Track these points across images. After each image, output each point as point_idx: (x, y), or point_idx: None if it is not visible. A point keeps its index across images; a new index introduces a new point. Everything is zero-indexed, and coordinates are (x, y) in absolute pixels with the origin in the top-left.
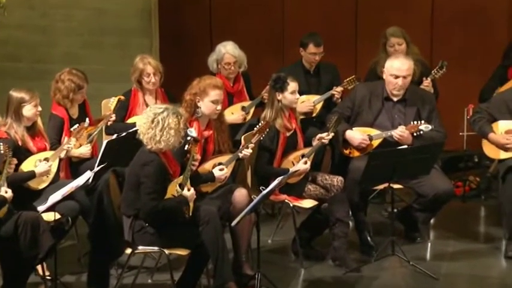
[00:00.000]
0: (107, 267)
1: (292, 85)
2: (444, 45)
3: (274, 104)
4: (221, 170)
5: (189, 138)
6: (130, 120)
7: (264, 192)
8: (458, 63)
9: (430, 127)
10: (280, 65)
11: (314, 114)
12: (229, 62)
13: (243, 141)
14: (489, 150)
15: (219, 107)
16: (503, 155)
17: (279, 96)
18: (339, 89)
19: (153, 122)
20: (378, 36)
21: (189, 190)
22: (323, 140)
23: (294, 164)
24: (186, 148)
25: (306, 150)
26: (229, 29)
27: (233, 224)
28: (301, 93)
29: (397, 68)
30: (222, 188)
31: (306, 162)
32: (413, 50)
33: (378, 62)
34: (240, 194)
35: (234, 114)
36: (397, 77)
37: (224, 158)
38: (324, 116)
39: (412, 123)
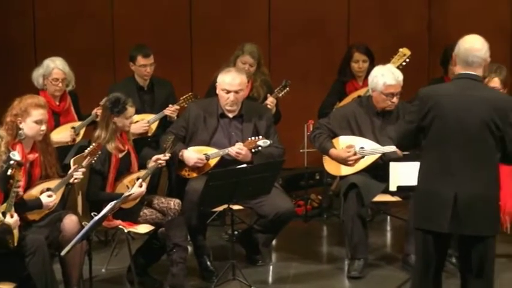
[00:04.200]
0: None
1: (131, 110)
2: (283, 57)
3: (109, 126)
4: (49, 196)
5: (12, 162)
6: None
7: (96, 218)
8: (298, 76)
9: (268, 142)
10: (112, 81)
11: (149, 134)
12: (58, 77)
13: (72, 165)
14: (330, 166)
15: (43, 127)
16: (344, 171)
17: (114, 119)
18: (174, 107)
19: None
20: (214, 45)
21: (12, 217)
22: (159, 161)
23: (128, 188)
24: (8, 173)
25: (142, 173)
26: (55, 44)
27: (63, 253)
28: (135, 111)
29: (229, 82)
30: (51, 215)
31: (141, 185)
32: (263, 71)
33: None
34: (70, 221)
35: (61, 134)
36: (228, 91)
37: (52, 183)
38: (160, 136)
39: (249, 139)
